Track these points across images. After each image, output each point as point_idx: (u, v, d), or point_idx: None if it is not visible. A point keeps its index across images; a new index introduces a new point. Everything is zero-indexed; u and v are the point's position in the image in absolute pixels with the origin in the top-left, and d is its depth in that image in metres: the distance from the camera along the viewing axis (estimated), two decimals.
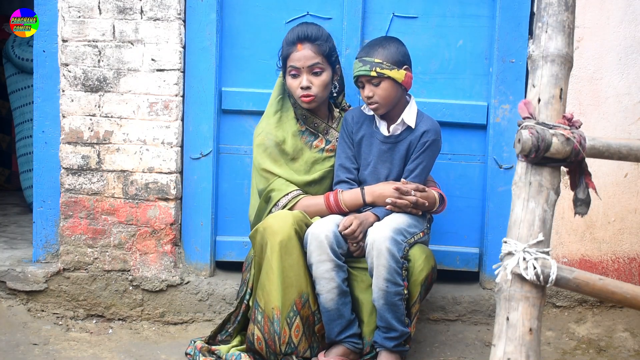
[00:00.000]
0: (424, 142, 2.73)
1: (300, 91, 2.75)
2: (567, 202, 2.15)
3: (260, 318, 2.59)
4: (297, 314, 2.59)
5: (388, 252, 2.52)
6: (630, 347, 2.93)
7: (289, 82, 2.78)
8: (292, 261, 2.57)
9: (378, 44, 2.69)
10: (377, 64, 2.63)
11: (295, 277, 2.58)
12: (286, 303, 2.56)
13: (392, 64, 2.64)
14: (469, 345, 2.96)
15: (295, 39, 2.75)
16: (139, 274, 3.09)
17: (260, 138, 2.80)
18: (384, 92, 2.66)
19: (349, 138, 2.81)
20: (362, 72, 2.65)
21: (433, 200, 2.74)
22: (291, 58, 2.75)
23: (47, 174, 3.14)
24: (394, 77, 2.64)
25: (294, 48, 2.74)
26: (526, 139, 1.85)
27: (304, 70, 2.73)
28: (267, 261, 2.58)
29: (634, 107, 3.02)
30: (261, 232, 2.61)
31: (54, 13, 3.06)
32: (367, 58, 2.66)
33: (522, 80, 3.05)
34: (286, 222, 2.59)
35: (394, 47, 2.68)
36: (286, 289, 2.56)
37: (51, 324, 3.03)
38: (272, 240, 2.56)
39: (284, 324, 2.56)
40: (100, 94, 3.05)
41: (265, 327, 2.58)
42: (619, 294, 1.88)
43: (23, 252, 3.38)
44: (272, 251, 2.56)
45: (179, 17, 3.02)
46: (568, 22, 1.98)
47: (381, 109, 2.70)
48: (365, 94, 2.68)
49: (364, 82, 2.68)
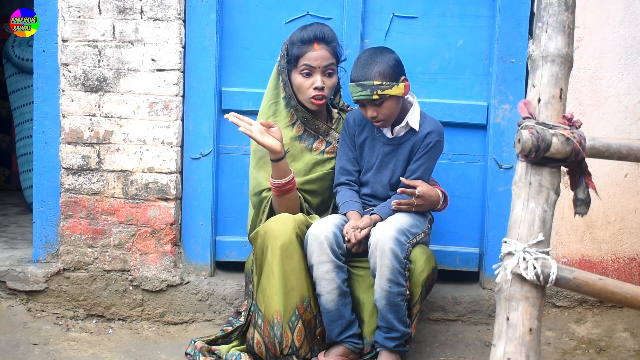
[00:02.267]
0: (428, 143, 2.72)
1: (313, 91, 2.72)
2: (567, 202, 2.15)
3: (261, 322, 2.59)
4: (299, 317, 2.58)
5: (391, 252, 2.51)
6: (630, 347, 2.93)
7: (299, 80, 2.74)
8: (294, 265, 2.57)
9: (371, 62, 2.61)
10: (376, 87, 2.57)
11: (296, 281, 2.57)
12: (288, 307, 2.56)
13: (390, 81, 2.59)
14: (469, 345, 2.96)
15: (312, 38, 2.71)
16: (139, 274, 3.09)
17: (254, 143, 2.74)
18: (388, 110, 2.64)
19: (351, 140, 2.81)
20: (363, 96, 2.60)
21: (436, 197, 2.73)
22: (307, 57, 2.71)
23: (47, 174, 3.14)
24: (395, 94, 2.61)
25: (310, 47, 2.71)
26: (526, 139, 1.85)
27: (319, 70, 2.71)
28: (268, 265, 2.57)
29: (634, 107, 3.02)
30: (262, 235, 2.61)
31: (54, 13, 3.06)
32: (366, 82, 2.58)
33: (522, 80, 3.05)
34: (287, 225, 2.58)
35: (387, 61, 2.61)
36: (288, 293, 2.56)
37: (51, 324, 3.03)
38: (273, 244, 2.56)
39: (286, 328, 2.56)
40: (100, 94, 3.05)
41: (265, 331, 2.58)
42: (619, 294, 1.88)
43: (23, 252, 3.38)
44: (273, 255, 2.55)
45: (179, 17, 3.02)
46: (568, 22, 1.98)
47: (387, 124, 2.70)
48: (369, 115, 2.64)
49: (365, 103, 2.65)
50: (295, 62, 2.74)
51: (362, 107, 2.68)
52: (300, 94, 2.76)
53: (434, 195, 2.72)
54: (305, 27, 2.76)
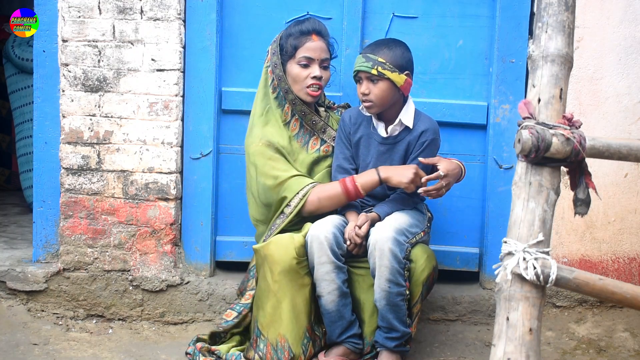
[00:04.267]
0: (423, 142, 2.72)
1: (310, 80, 2.71)
2: (567, 202, 2.15)
3: (263, 346, 2.60)
4: (310, 340, 2.62)
5: (390, 252, 2.52)
6: (630, 347, 2.93)
7: (296, 71, 2.73)
8: (297, 287, 2.58)
9: (385, 44, 2.68)
10: (379, 63, 2.62)
11: (303, 304, 2.59)
12: (299, 332, 2.58)
13: (394, 66, 2.63)
14: (469, 345, 2.96)
15: (310, 30, 2.73)
16: (139, 274, 3.09)
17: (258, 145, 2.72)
18: (380, 92, 2.65)
19: (347, 138, 2.81)
20: (363, 67, 2.64)
21: (458, 168, 2.72)
22: (306, 47, 2.71)
23: (47, 174, 3.14)
24: (393, 80, 2.63)
25: (309, 38, 2.72)
26: (526, 139, 1.85)
27: (317, 61, 2.72)
28: (271, 291, 2.58)
29: (634, 107, 3.02)
30: (262, 257, 2.62)
31: (54, 13, 3.06)
32: (371, 55, 2.64)
33: (522, 80, 3.05)
34: (288, 252, 2.57)
35: (400, 51, 2.67)
36: (297, 317, 2.58)
37: (51, 324, 3.03)
38: (274, 269, 2.57)
39: (299, 352, 2.58)
40: (100, 94, 3.05)
41: (267, 356, 2.58)
42: (619, 294, 1.88)
43: (23, 252, 3.38)
44: (275, 281, 2.57)
45: (179, 17, 3.02)
46: (568, 22, 1.98)
47: (374, 108, 2.69)
48: (362, 90, 2.67)
49: (362, 78, 2.67)
50: (293, 53, 2.73)
51: (358, 82, 2.70)
52: (297, 84, 2.74)
53: (456, 167, 2.71)
54: (302, 21, 2.78)
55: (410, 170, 2.62)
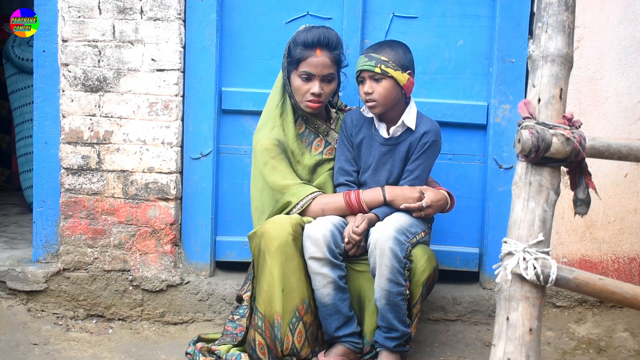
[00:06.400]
0: (424, 143, 2.72)
1: (309, 96, 2.71)
2: (567, 202, 2.15)
3: (261, 323, 2.58)
4: (299, 319, 2.58)
5: (391, 252, 2.52)
6: (630, 347, 2.93)
7: (298, 83, 2.72)
8: (293, 267, 2.56)
9: (387, 44, 2.70)
10: (382, 62, 2.63)
11: (296, 283, 2.57)
12: (288, 309, 2.56)
13: (397, 65, 2.64)
14: (469, 345, 2.96)
15: (315, 43, 2.68)
16: (139, 274, 3.10)
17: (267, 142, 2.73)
18: (384, 91, 2.65)
19: (348, 140, 2.81)
20: (366, 66, 2.64)
21: (444, 200, 2.74)
22: (308, 62, 2.69)
23: (47, 174, 3.15)
24: (396, 78, 2.64)
25: (313, 52, 2.68)
26: (526, 139, 1.85)
27: (318, 77, 2.70)
28: (267, 267, 2.56)
29: (634, 107, 3.02)
30: (259, 236, 2.60)
31: (54, 13, 3.06)
32: (374, 54, 2.65)
33: (522, 80, 3.05)
34: (284, 228, 2.56)
35: (402, 50, 2.68)
36: (288, 294, 2.55)
37: (51, 324, 3.03)
38: (270, 246, 2.55)
39: (286, 330, 2.55)
40: (100, 94, 3.05)
41: (266, 332, 2.57)
42: (619, 294, 1.88)
43: (23, 252, 3.38)
44: (271, 257, 2.55)
45: (179, 17, 3.02)
46: (568, 22, 1.98)
47: (378, 107, 2.69)
48: (365, 90, 2.67)
49: (365, 78, 2.67)
50: (296, 65, 2.71)
51: (361, 83, 2.70)
52: (297, 95, 2.75)
53: (442, 199, 2.73)
54: (311, 29, 2.72)
55: (415, 194, 2.67)
